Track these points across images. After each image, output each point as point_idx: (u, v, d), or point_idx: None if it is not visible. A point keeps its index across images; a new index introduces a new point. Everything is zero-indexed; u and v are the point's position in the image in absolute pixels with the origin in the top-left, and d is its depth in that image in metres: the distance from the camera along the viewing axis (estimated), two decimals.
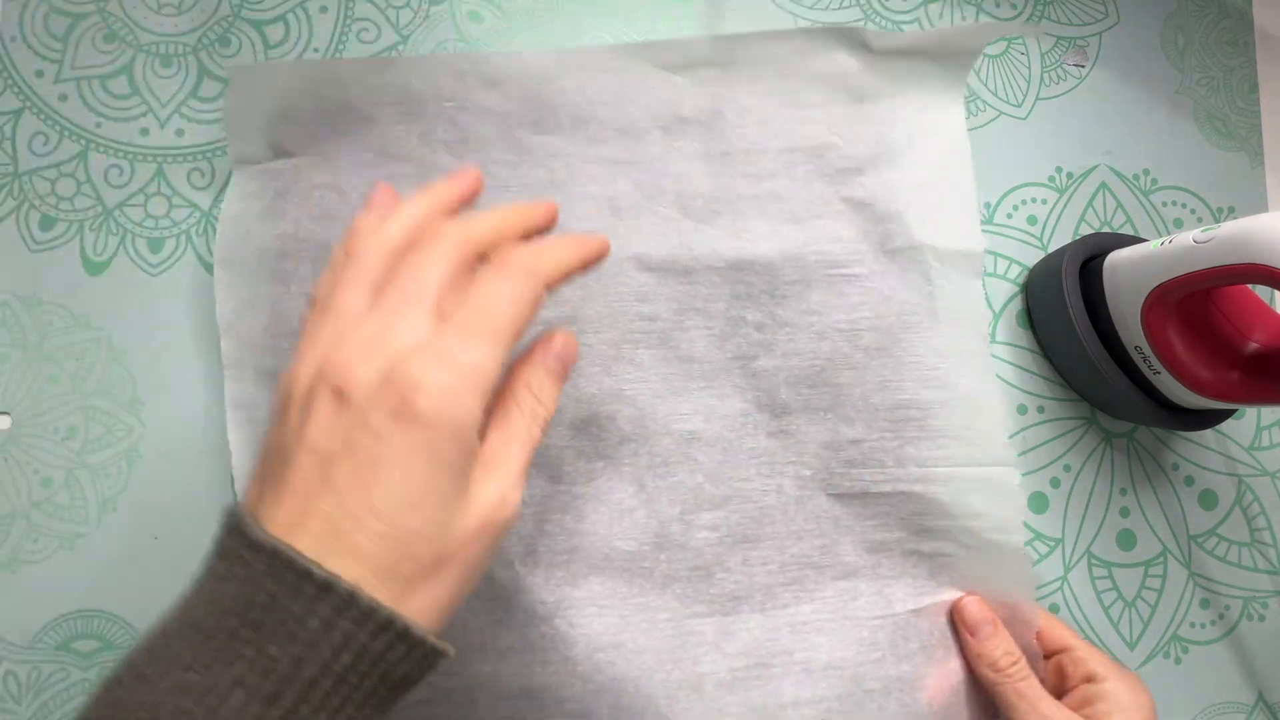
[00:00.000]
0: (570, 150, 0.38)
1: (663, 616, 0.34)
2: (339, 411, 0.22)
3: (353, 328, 0.23)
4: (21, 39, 0.41)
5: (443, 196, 0.27)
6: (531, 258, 0.25)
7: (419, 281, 0.23)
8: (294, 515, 0.21)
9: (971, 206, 0.38)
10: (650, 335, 0.36)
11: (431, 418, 0.22)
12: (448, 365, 0.22)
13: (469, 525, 0.23)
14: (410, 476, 0.21)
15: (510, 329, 0.24)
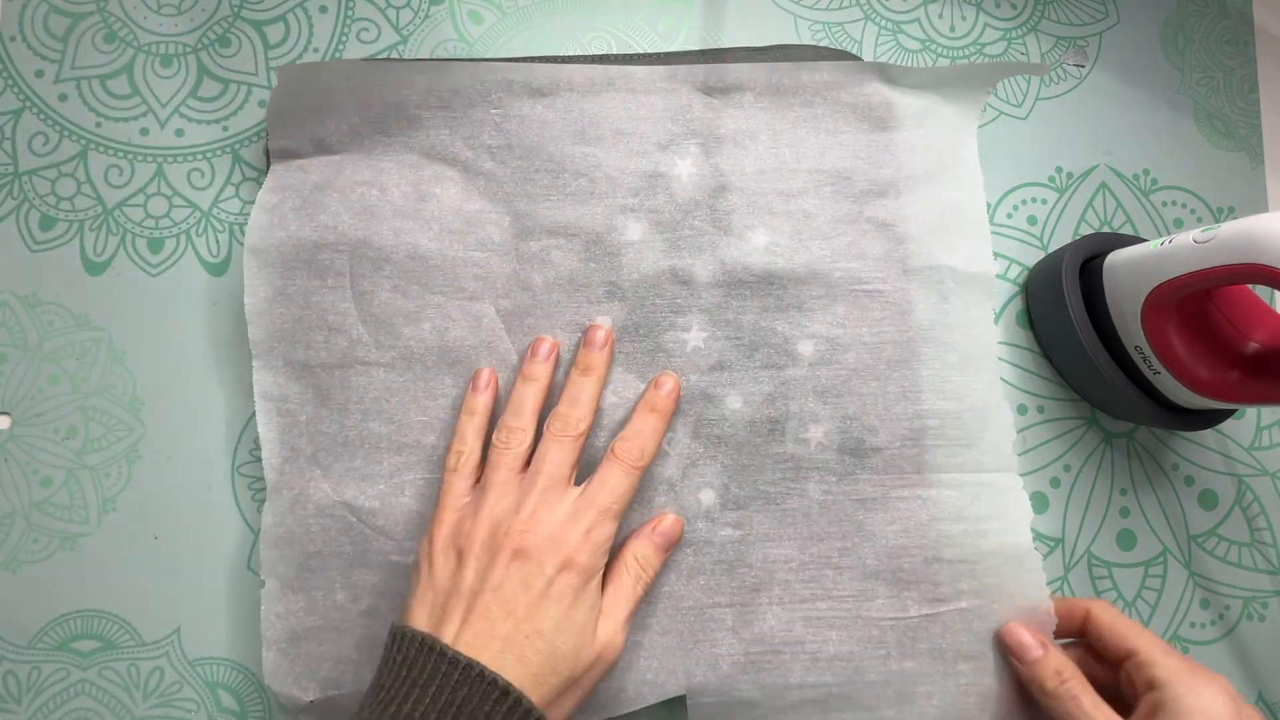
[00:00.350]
0: (611, 162, 0.39)
1: (687, 604, 0.37)
2: (519, 565, 0.31)
3: (521, 504, 0.32)
4: (21, 39, 0.41)
5: (544, 382, 0.36)
6: (640, 455, 0.35)
7: (560, 469, 0.34)
8: (480, 636, 0.29)
9: (984, 233, 0.39)
10: (683, 344, 0.38)
11: (585, 567, 0.32)
12: (593, 537, 0.32)
13: (591, 657, 0.31)
14: (563, 610, 0.31)
15: (626, 507, 0.34)
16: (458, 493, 0.34)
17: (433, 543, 0.33)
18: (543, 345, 0.37)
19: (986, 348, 0.38)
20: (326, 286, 0.38)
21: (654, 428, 0.36)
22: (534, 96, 0.39)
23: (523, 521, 0.32)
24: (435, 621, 0.30)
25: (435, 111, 0.39)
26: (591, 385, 0.36)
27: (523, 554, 0.31)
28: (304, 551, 0.36)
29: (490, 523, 0.32)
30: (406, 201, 0.38)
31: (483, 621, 0.30)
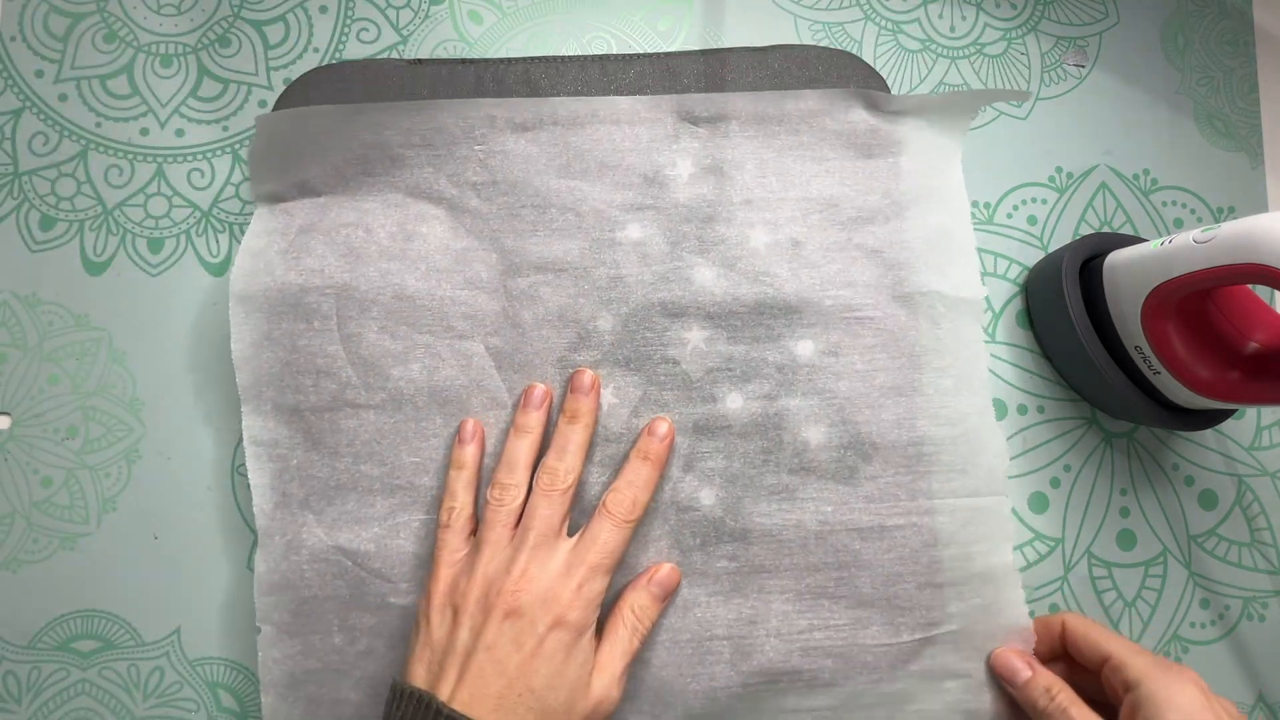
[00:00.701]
0: (598, 196, 0.39)
1: (684, 638, 0.37)
2: (511, 624, 0.32)
3: (512, 562, 0.33)
4: (21, 39, 0.41)
5: (537, 433, 0.36)
6: (631, 508, 0.35)
7: (550, 525, 0.34)
8: (475, 695, 0.30)
9: (972, 258, 0.39)
10: (675, 378, 0.38)
11: (576, 624, 0.32)
12: (584, 593, 0.33)
13: (587, 709, 0.32)
14: (555, 668, 0.31)
15: (618, 561, 0.34)
16: (452, 548, 0.34)
17: (430, 601, 0.33)
18: (535, 392, 0.37)
19: (979, 372, 0.38)
20: (313, 330, 0.37)
21: (646, 477, 0.36)
22: (517, 131, 0.39)
23: (514, 581, 0.32)
24: (432, 679, 0.31)
25: (419, 150, 0.39)
26: (579, 434, 0.36)
27: (515, 613, 0.32)
28: (299, 597, 0.36)
29: (484, 582, 0.33)
30: (393, 242, 0.38)
31: (477, 680, 0.31)
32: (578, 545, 0.34)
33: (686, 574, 0.37)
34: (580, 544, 0.34)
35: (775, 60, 0.41)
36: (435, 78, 0.41)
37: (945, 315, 0.38)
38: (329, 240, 0.38)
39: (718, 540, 0.37)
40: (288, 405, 0.37)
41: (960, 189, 0.40)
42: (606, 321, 0.38)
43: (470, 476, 0.36)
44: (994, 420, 0.38)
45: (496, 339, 0.38)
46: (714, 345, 0.38)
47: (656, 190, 0.39)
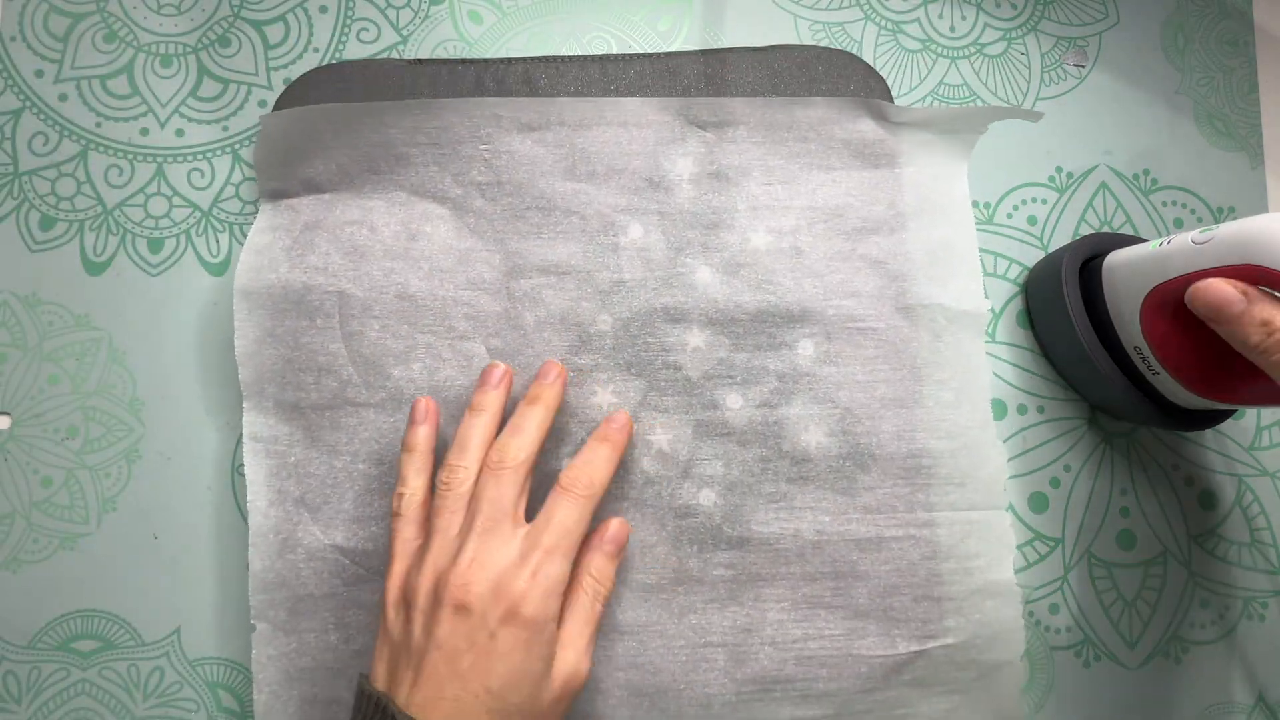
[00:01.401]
0: (602, 199, 0.39)
1: (679, 644, 0.36)
2: (462, 620, 0.29)
3: (460, 550, 0.31)
4: (21, 39, 0.41)
5: (494, 413, 0.34)
6: (589, 484, 0.33)
7: (500, 506, 0.31)
8: (429, 699, 0.29)
9: (975, 270, 0.39)
10: (675, 383, 0.38)
11: (531, 620, 0.30)
12: (541, 580, 0.30)
13: (554, 693, 0.30)
14: (513, 665, 0.29)
15: (579, 542, 0.32)
16: (405, 538, 0.32)
17: (386, 595, 0.32)
18: (494, 372, 0.35)
19: (980, 386, 0.38)
20: (315, 327, 0.37)
21: (605, 456, 0.34)
22: (523, 131, 0.39)
23: (461, 573, 0.30)
24: (390, 679, 0.30)
25: (424, 149, 0.39)
26: (538, 414, 0.34)
27: (464, 608, 0.29)
28: (295, 595, 0.36)
29: (433, 574, 0.31)
30: (396, 241, 0.38)
31: (430, 683, 0.29)
32: (531, 529, 0.32)
33: (683, 580, 0.37)
34: (534, 527, 0.32)
35: (775, 60, 0.41)
36: (435, 78, 0.41)
37: (947, 328, 0.38)
38: (333, 238, 0.38)
39: (715, 547, 0.37)
40: (288, 402, 0.37)
41: (965, 202, 0.40)
42: (608, 324, 0.38)
43: (422, 460, 0.34)
44: (994, 434, 0.38)
45: (498, 340, 0.38)
46: (715, 351, 0.38)
47: (661, 194, 0.39)
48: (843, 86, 0.41)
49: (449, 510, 0.32)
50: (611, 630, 0.36)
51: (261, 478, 0.37)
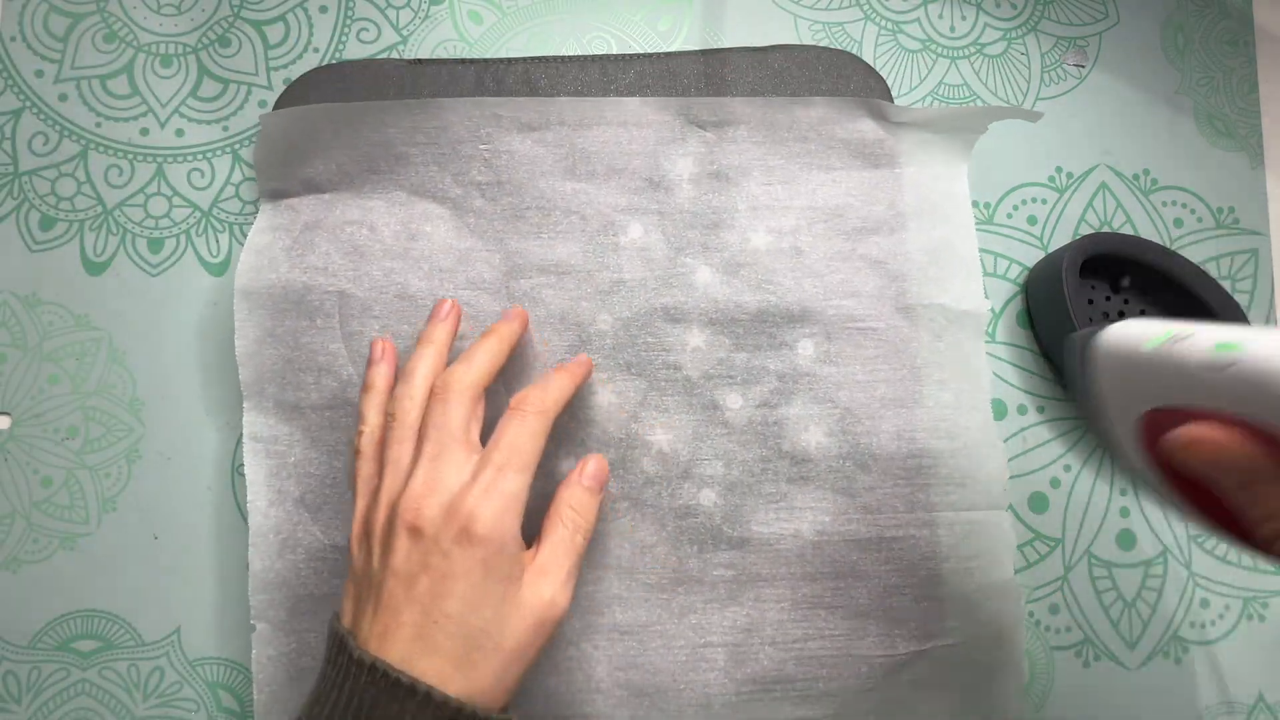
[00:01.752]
0: (602, 199, 0.39)
1: (679, 644, 0.36)
2: (415, 544, 0.29)
3: (410, 476, 0.30)
4: (21, 39, 0.41)
5: (441, 344, 0.34)
6: (539, 400, 0.32)
7: (448, 430, 0.30)
8: (387, 627, 0.28)
9: (976, 271, 0.39)
10: (675, 383, 0.38)
11: (486, 537, 0.28)
12: (494, 496, 0.29)
13: (525, 621, 0.29)
14: (472, 585, 0.28)
15: (534, 459, 0.31)
16: (365, 476, 0.32)
17: (353, 533, 0.31)
18: (443, 306, 0.35)
19: (980, 386, 0.38)
20: (315, 327, 0.37)
21: (558, 381, 0.33)
22: (523, 131, 0.39)
23: (412, 497, 0.29)
24: (356, 614, 0.29)
25: (424, 148, 0.39)
26: (491, 344, 0.33)
27: (417, 531, 0.29)
28: (295, 595, 0.36)
29: (388, 504, 0.30)
30: (397, 240, 0.38)
31: (388, 611, 0.28)
32: (483, 452, 0.30)
33: (683, 581, 0.37)
34: (485, 449, 0.31)
35: (775, 60, 0.41)
36: (435, 78, 0.41)
37: (947, 328, 0.38)
38: (333, 238, 0.38)
39: (715, 547, 0.37)
40: (288, 402, 0.37)
41: (965, 202, 0.40)
42: (608, 324, 0.38)
43: (380, 399, 0.33)
44: (995, 435, 0.38)
45: None
46: (715, 351, 0.38)
47: (661, 194, 0.39)
48: (843, 86, 0.41)
49: (398, 441, 0.31)
50: (612, 630, 0.36)
51: (261, 478, 0.37)
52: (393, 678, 0.27)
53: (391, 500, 0.30)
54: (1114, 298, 0.42)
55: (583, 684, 0.36)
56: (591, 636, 0.36)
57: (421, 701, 0.26)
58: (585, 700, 0.36)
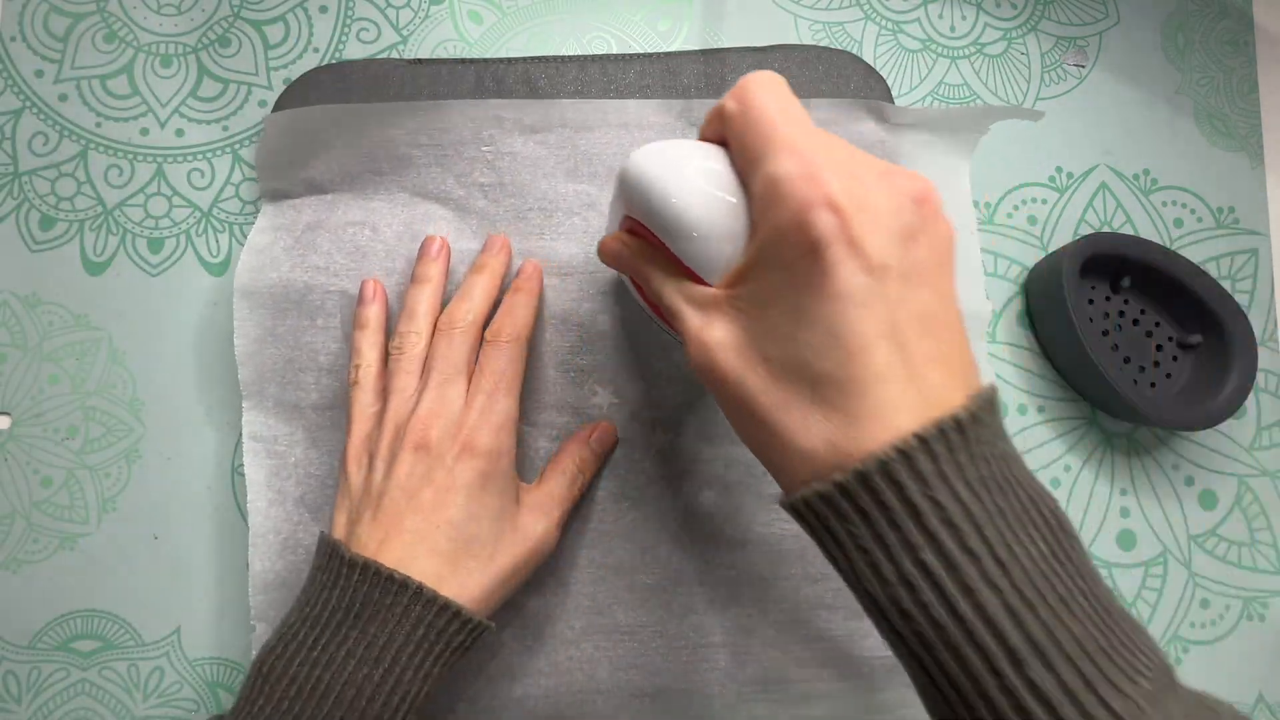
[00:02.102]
0: (605, 200, 0.39)
1: (679, 644, 0.36)
2: (421, 458, 0.31)
3: (417, 400, 0.32)
4: (21, 39, 0.41)
5: (437, 281, 0.36)
6: (512, 328, 0.34)
7: (453, 362, 0.33)
8: (388, 532, 0.30)
9: (978, 271, 0.39)
10: (676, 382, 0.38)
11: (486, 450, 0.31)
12: (490, 416, 0.32)
13: (518, 546, 0.32)
14: (471, 497, 0.31)
15: (518, 381, 0.34)
16: (363, 404, 0.34)
17: (346, 455, 0.33)
18: (432, 245, 0.37)
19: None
20: (317, 327, 0.37)
21: (521, 303, 0.35)
22: (526, 133, 0.39)
23: (421, 418, 0.32)
24: (350, 525, 0.31)
25: (426, 150, 0.39)
26: (485, 280, 0.35)
27: (423, 447, 0.31)
28: (295, 595, 0.36)
29: (393, 426, 0.32)
30: (399, 242, 0.38)
31: (391, 518, 0.30)
32: (474, 380, 0.33)
33: (684, 581, 0.37)
34: (474, 378, 0.33)
35: (775, 60, 0.41)
36: (435, 78, 0.41)
37: None
38: (335, 238, 0.38)
39: (716, 548, 0.37)
40: (289, 402, 0.37)
41: (967, 204, 0.40)
42: (609, 324, 0.38)
43: (375, 335, 0.35)
44: None
45: None
46: None
47: None
48: (843, 86, 0.41)
49: (404, 372, 0.33)
50: (613, 630, 0.36)
51: (262, 478, 0.37)
52: (385, 574, 0.29)
53: (398, 422, 0.32)
54: (1114, 298, 0.42)
55: (584, 685, 0.36)
56: (593, 637, 0.36)
57: (413, 597, 0.29)
58: (587, 701, 0.36)
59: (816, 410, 0.22)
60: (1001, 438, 0.23)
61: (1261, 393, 0.42)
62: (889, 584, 0.21)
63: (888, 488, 0.21)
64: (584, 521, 0.37)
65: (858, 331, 0.22)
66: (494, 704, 0.36)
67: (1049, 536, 0.21)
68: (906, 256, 0.23)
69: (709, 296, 0.25)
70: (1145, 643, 0.21)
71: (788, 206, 0.22)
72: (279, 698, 0.28)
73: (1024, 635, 0.20)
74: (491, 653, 0.36)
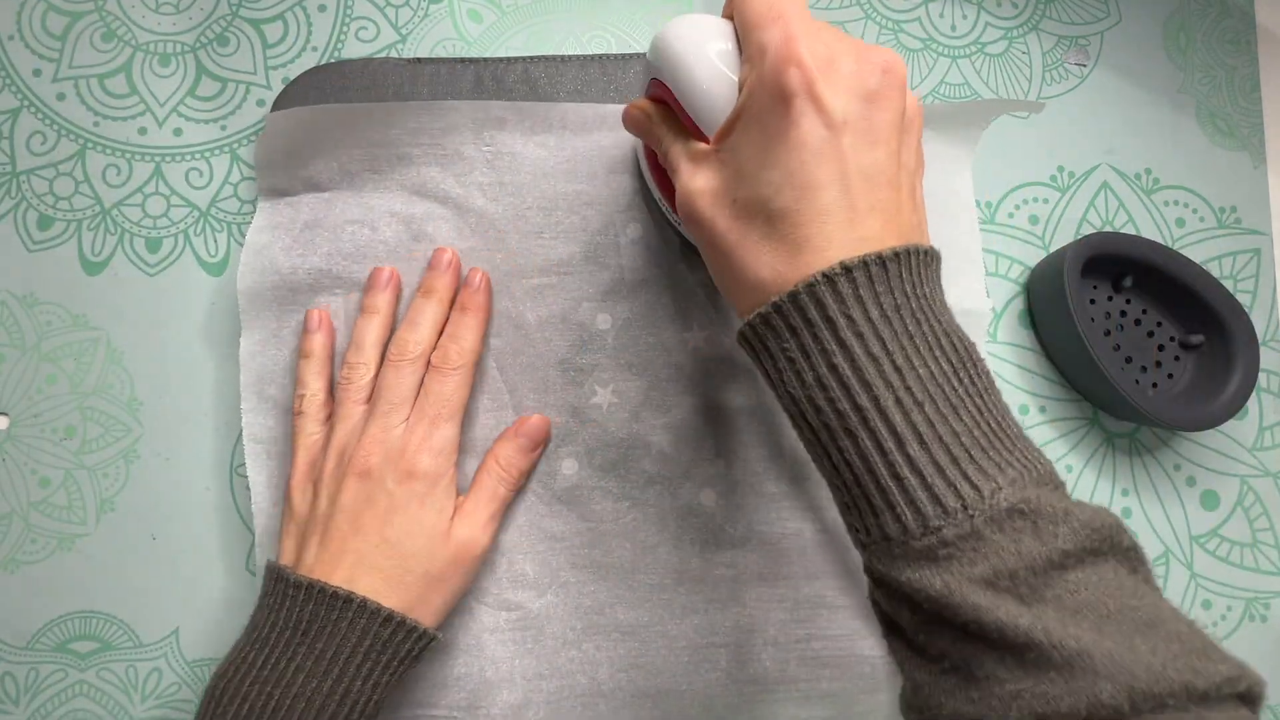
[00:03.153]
0: (604, 200, 0.38)
1: (680, 644, 0.36)
2: (363, 484, 0.33)
3: (364, 431, 0.34)
4: (19, 38, 0.41)
5: (385, 313, 0.36)
6: (457, 356, 0.35)
7: (400, 392, 0.34)
8: (334, 555, 0.32)
9: (979, 269, 0.39)
10: (677, 383, 0.38)
11: (424, 474, 0.33)
12: (431, 443, 0.34)
13: (449, 553, 0.33)
14: (409, 517, 0.33)
15: (461, 408, 0.35)
16: (308, 433, 0.35)
17: (291, 481, 0.35)
18: (381, 274, 0.37)
19: None
20: None
21: (467, 325, 0.36)
22: (526, 134, 0.39)
23: (364, 446, 0.33)
24: (297, 550, 0.33)
25: (426, 149, 0.38)
26: (432, 307, 0.36)
27: (366, 474, 0.33)
28: None
29: (338, 453, 0.34)
30: (399, 242, 0.38)
31: (335, 542, 0.32)
32: (417, 406, 0.34)
33: (685, 581, 0.37)
34: (419, 403, 0.35)
35: None
36: (434, 77, 0.40)
37: None
38: (334, 237, 0.38)
39: (717, 547, 0.37)
40: (286, 403, 0.37)
41: (968, 200, 0.40)
42: (609, 324, 0.38)
43: (319, 365, 0.36)
44: None
45: (499, 340, 0.38)
46: (716, 351, 0.38)
47: None
48: None
49: (351, 400, 0.35)
50: (614, 630, 0.36)
51: (264, 479, 0.37)
52: (330, 591, 0.30)
53: (342, 450, 0.34)
54: (1116, 297, 0.42)
55: (586, 687, 0.36)
56: (594, 637, 0.36)
57: (358, 610, 0.30)
58: (588, 704, 0.36)
59: (768, 243, 0.26)
60: (928, 284, 0.26)
61: (1264, 393, 0.42)
62: (807, 385, 0.25)
63: (812, 305, 0.24)
64: (583, 521, 0.37)
65: (811, 175, 0.25)
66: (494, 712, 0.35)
67: (954, 361, 0.25)
68: (865, 116, 0.25)
69: (702, 150, 0.28)
70: (1030, 452, 0.24)
71: (766, 64, 0.25)
72: (231, 717, 0.29)
73: (908, 422, 0.23)
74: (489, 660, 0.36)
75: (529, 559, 0.37)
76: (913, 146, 0.27)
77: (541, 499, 0.37)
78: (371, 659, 0.30)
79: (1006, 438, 0.24)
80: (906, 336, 0.24)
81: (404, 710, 0.35)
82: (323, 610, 0.30)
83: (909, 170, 0.27)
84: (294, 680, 0.29)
